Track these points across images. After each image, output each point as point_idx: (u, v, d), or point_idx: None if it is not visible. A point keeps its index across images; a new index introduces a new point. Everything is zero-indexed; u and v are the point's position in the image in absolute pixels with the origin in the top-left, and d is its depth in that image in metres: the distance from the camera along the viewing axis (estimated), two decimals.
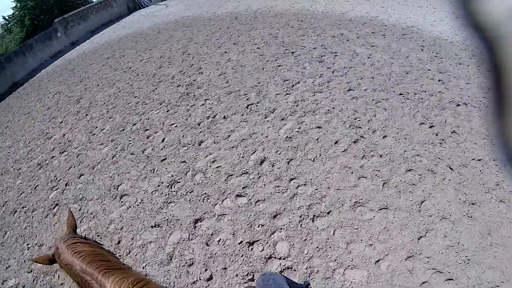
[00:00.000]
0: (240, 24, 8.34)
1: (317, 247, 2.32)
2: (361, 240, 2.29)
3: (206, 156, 3.47)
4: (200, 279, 2.34)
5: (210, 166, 3.32)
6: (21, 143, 5.83)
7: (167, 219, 2.87)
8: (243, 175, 3.17)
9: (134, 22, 12.36)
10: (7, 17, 13.07)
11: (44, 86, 8.28)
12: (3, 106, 8.44)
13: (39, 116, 6.62)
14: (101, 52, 9.37)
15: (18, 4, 12.10)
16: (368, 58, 5.19)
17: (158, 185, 3.25)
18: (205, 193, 3.04)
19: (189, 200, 3.01)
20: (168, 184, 3.23)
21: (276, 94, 4.46)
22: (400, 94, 3.99)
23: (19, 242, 3.52)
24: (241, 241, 2.51)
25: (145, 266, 2.55)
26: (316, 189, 2.80)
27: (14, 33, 11.15)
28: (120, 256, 2.67)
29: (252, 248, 2.45)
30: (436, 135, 3.22)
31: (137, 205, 3.11)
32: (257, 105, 4.24)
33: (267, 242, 2.46)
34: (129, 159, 3.81)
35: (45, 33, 10.58)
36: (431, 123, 3.39)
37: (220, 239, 2.57)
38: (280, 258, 2.32)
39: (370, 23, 7.28)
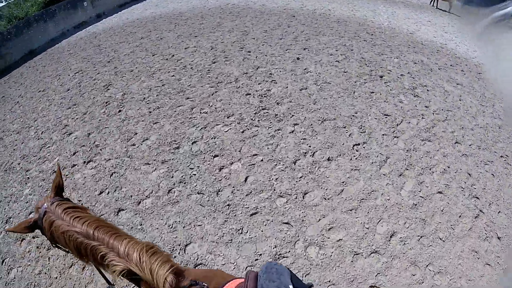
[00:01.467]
0: (302, 24, 7.23)
1: None
2: None
3: (319, 220, 2.41)
4: None
5: (328, 238, 2.29)
6: (32, 131, 4.65)
7: None
8: (372, 255, 2.29)
9: (168, 2, 11.11)
10: None
11: (64, 60, 7.03)
12: (16, 75, 7.13)
13: (56, 98, 5.42)
14: (132, 30, 8.14)
15: None
16: (460, 100, 4.84)
17: (256, 259, 2.17)
18: (329, 281, 2.07)
19: None
20: (270, 258, 2.16)
21: (383, 134, 3.46)
22: (501, 156, 3.73)
23: None
24: None
25: None
26: (451, 279, 2.38)
27: None
28: None
29: None
30: None
31: None
32: (364, 147, 3.20)
33: None
34: (197, 202, 2.69)
35: (71, 1, 9.30)
36: None
37: None
38: None
39: (443, 52, 6.91)
